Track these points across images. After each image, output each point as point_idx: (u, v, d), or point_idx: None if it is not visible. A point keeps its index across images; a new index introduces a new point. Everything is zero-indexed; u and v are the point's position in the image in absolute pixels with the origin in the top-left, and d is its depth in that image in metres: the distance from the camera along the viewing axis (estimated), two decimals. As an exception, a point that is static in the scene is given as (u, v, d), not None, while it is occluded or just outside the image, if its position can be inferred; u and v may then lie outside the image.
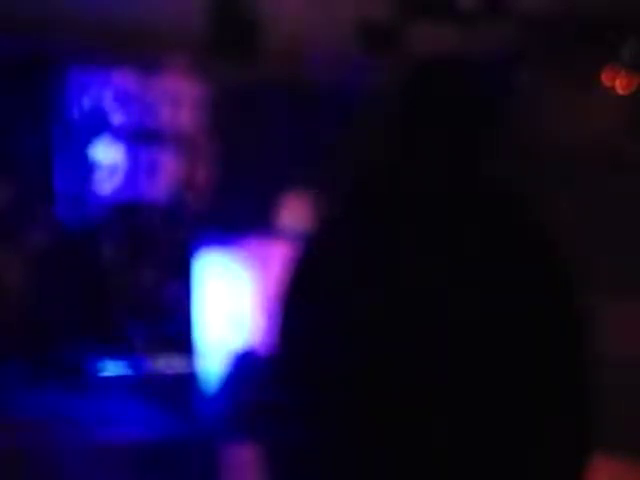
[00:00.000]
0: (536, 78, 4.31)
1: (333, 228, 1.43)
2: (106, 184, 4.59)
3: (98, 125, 4.58)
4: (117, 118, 4.63)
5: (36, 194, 4.47)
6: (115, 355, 4.48)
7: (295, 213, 4.14)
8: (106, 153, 4.60)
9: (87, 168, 4.56)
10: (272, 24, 3.44)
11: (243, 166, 4.73)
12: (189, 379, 4.29)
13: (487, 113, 1.43)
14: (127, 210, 4.65)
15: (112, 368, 4.44)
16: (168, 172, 4.72)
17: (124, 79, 4.63)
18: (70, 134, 4.53)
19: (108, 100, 4.60)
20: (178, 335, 4.46)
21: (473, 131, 1.41)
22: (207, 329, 4.26)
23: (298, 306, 1.40)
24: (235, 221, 4.34)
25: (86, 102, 4.55)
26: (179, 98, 4.73)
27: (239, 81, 4.55)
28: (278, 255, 3.92)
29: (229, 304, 4.22)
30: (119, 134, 4.63)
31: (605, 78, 3.93)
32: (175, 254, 4.59)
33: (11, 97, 4.39)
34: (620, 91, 3.92)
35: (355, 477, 1.30)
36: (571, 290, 1.34)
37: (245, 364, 4.04)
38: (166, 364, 4.50)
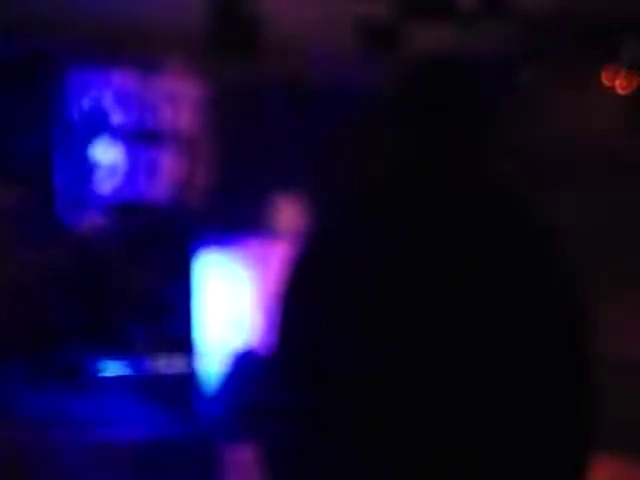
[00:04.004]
0: (536, 78, 4.30)
1: (333, 228, 1.43)
2: (106, 184, 4.59)
3: (98, 125, 4.58)
4: (117, 118, 4.62)
5: (36, 194, 4.47)
6: (115, 355, 4.48)
7: (295, 214, 4.14)
8: (106, 153, 4.59)
9: (87, 168, 4.55)
10: (272, 23, 3.44)
11: (243, 166, 4.73)
12: (189, 379, 4.29)
13: (487, 113, 1.43)
14: (127, 210, 4.65)
15: (112, 368, 4.44)
16: (168, 172, 4.71)
17: (124, 79, 4.63)
18: (70, 134, 4.52)
19: (108, 100, 4.60)
20: (178, 335, 4.46)
21: (473, 131, 1.41)
22: (207, 329, 4.25)
23: (297, 306, 1.40)
24: (235, 221, 4.34)
25: (86, 102, 4.55)
26: (179, 98, 4.73)
27: (239, 81, 4.55)
28: (278, 255, 3.91)
29: (229, 304, 4.22)
30: (119, 134, 4.62)
31: (605, 78, 3.93)
32: (175, 254, 4.59)
33: (11, 97, 4.39)
34: (620, 91, 3.92)
35: (355, 477, 1.30)
36: (571, 290, 1.34)
37: (245, 364, 4.04)
38: (166, 364, 4.49)
